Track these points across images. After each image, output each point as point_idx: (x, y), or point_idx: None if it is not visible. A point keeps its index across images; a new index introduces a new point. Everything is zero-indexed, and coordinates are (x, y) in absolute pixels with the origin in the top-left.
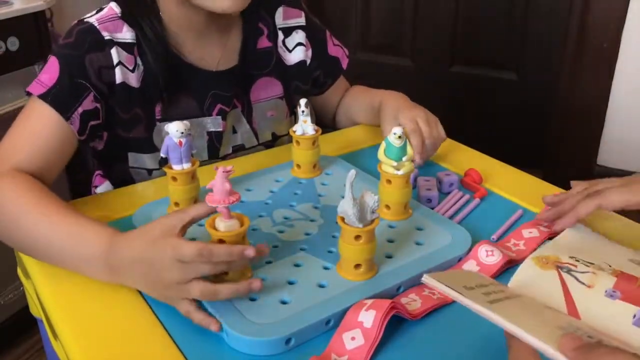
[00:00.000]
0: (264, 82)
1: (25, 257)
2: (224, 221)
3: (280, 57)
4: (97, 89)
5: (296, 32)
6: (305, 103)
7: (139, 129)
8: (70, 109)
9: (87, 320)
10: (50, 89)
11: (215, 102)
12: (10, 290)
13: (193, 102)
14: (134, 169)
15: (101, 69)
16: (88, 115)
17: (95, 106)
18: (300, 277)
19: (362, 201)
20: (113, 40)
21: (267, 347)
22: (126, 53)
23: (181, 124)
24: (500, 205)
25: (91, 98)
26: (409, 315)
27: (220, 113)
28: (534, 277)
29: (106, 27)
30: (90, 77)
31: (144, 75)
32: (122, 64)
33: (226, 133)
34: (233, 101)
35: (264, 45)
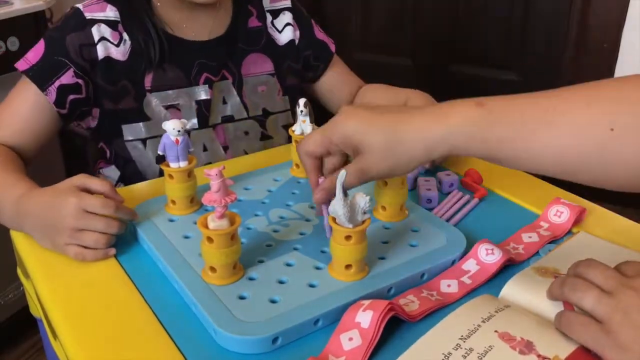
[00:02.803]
0: (254, 58)
1: (26, 257)
2: (215, 220)
3: (271, 36)
4: (77, 65)
5: (283, 14)
6: (305, 103)
7: (127, 100)
8: (47, 82)
9: (87, 320)
10: (33, 65)
11: (201, 71)
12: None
13: (180, 72)
14: (130, 143)
15: (82, 46)
16: (67, 89)
17: (75, 81)
18: (291, 277)
19: (353, 202)
20: (94, 19)
21: (253, 346)
22: (110, 29)
23: (178, 122)
24: (501, 205)
25: (71, 73)
26: (407, 316)
27: (207, 82)
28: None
29: (90, 9)
30: (71, 54)
31: (131, 49)
32: (105, 39)
33: (215, 102)
34: (222, 72)
35: (254, 25)
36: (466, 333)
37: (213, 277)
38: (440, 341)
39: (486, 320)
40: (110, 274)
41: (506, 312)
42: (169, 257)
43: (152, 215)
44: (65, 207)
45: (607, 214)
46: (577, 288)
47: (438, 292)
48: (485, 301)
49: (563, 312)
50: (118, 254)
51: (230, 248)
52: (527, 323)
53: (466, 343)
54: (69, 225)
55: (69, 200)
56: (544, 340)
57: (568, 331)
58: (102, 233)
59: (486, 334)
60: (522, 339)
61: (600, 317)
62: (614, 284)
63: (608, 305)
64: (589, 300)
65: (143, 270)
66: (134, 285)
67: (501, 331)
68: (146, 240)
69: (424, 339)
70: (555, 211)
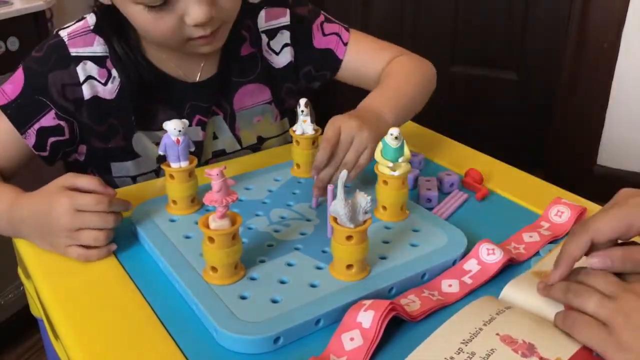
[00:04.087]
0: (250, 89)
1: (26, 256)
2: (216, 220)
3: (267, 61)
4: (59, 107)
5: (281, 33)
6: (305, 103)
7: (116, 139)
8: (26, 124)
9: (88, 320)
10: (11, 101)
11: (193, 113)
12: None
13: (172, 113)
14: (119, 179)
15: (65, 86)
16: (47, 132)
17: (57, 123)
18: (293, 277)
19: (354, 202)
20: (79, 57)
21: (254, 346)
22: (97, 67)
23: (179, 122)
24: (501, 205)
25: (52, 115)
26: (408, 316)
27: (199, 124)
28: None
29: (75, 42)
30: (52, 95)
31: (120, 87)
32: (92, 78)
33: (206, 140)
34: (212, 109)
35: (247, 52)
36: (468, 337)
37: (214, 277)
38: (442, 345)
39: (487, 323)
40: (112, 274)
41: (507, 314)
42: (170, 257)
43: (153, 215)
44: (58, 209)
45: None
46: (580, 293)
47: (439, 292)
48: (485, 303)
49: (566, 312)
50: (119, 254)
51: (232, 248)
52: (528, 325)
53: (468, 347)
54: (65, 227)
55: (61, 201)
56: (546, 342)
57: (571, 331)
58: (100, 230)
59: (488, 337)
60: (524, 342)
61: (602, 319)
62: (615, 288)
63: (610, 309)
64: (592, 304)
65: (144, 270)
66: (135, 285)
67: (503, 334)
68: (147, 240)
69: (425, 343)
70: (556, 211)
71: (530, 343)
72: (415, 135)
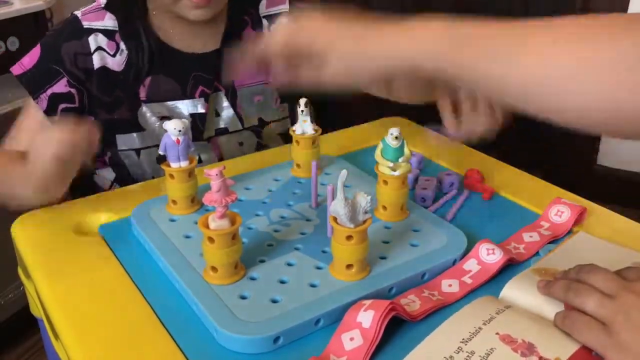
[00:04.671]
0: None
1: (26, 256)
2: (216, 220)
3: None
4: (71, 75)
5: (280, 19)
6: (305, 103)
7: (121, 110)
8: (39, 89)
9: (88, 320)
10: (26, 71)
11: (197, 84)
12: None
13: (175, 84)
14: (123, 152)
15: (77, 55)
16: (58, 98)
17: (68, 90)
18: (293, 277)
19: (354, 202)
20: (91, 29)
21: (254, 346)
22: (107, 39)
23: (179, 122)
24: (501, 205)
25: (64, 82)
26: (408, 316)
27: (202, 95)
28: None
29: (88, 17)
30: (65, 63)
31: (127, 59)
32: (102, 49)
33: (209, 116)
34: (214, 84)
35: (248, 35)
36: (467, 336)
37: (214, 276)
38: (441, 345)
39: (487, 323)
40: (111, 274)
41: (507, 314)
42: (170, 256)
43: (153, 215)
44: None
45: (608, 214)
46: (580, 292)
47: (439, 291)
48: (485, 303)
49: (566, 312)
50: (119, 254)
51: (231, 248)
52: (528, 324)
53: (467, 346)
54: None
55: None
56: (546, 341)
57: (571, 330)
58: None
59: (487, 336)
60: (524, 341)
61: (602, 319)
62: (615, 287)
63: (610, 308)
64: (591, 303)
65: (144, 270)
66: (135, 285)
67: (502, 333)
68: (147, 240)
69: (425, 342)
70: (556, 211)
71: (530, 342)
72: (415, 135)
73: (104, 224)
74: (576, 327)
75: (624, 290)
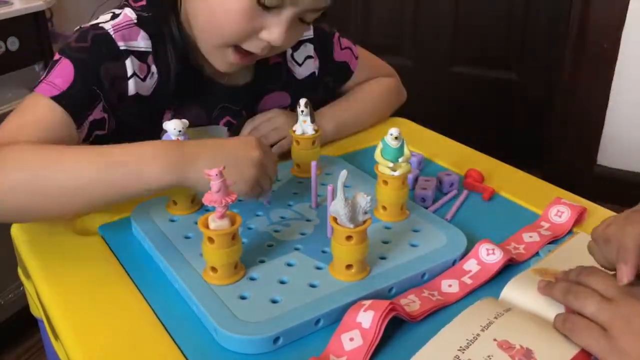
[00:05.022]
0: (274, 97)
1: (26, 256)
2: (216, 220)
3: (290, 71)
4: (107, 100)
5: (305, 46)
6: (305, 103)
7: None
8: (83, 115)
9: (88, 320)
10: (64, 92)
11: (223, 114)
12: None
13: (202, 112)
14: None
15: (115, 79)
16: (95, 124)
17: (102, 116)
18: (292, 277)
19: (354, 202)
20: (128, 50)
21: (254, 346)
22: (139, 62)
23: (179, 122)
24: (501, 205)
25: (101, 107)
26: (408, 316)
27: (227, 125)
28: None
29: (122, 35)
30: (104, 87)
31: (157, 84)
32: (135, 75)
33: None
34: (241, 113)
35: (274, 62)
36: (465, 343)
37: (214, 277)
38: (438, 354)
39: (485, 329)
40: (111, 274)
41: (505, 318)
42: (170, 257)
43: (153, 215)
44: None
45: (608, 214)
46: (580, 295)
47: (439, 292)
48: (484, 307)
49: (566, 314)
50: (119, 254)
51: (231, 248)
52: (527, 329)
53: (465, 354)
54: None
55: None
56: (544, 346)
57: (570, 334)
58: None
59: (485, 343)
60: (522, 347)
61: (601, 323)
62: (615, 291)
63: (609, 312)
64: (591, 307)
65: (144, 270)
66: (135, 285)
67: (500, 339)
68: (147, 240)
69: (422, 351)
70: (556, 211)
71: (528, 348)
72: (415, 135)
73: (104, 224)
74: (575, 330)
75: (624, 294)
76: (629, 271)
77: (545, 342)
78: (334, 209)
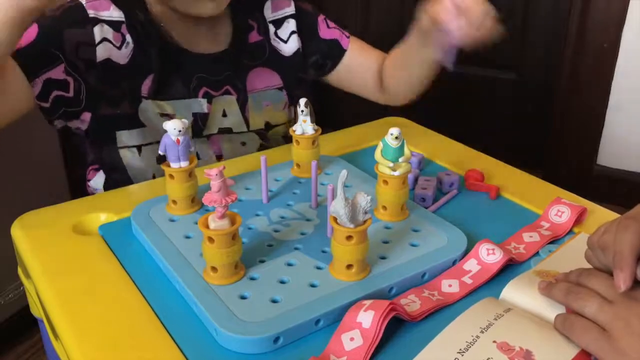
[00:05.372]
0: (258, 72)
1: (26, 256)
2: (216, 220)
3: (275, 48)
4: (70, 63)
5: (287, 22)
6: (305, 103)
7: (124, 105)
8: (36, 72)
9: (88, 320)
10: (22, 48)
11: (200, 84)
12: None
13: (179, 82)
14: (123, 149)
15: (79, 44)
16: (53, 84)
17: (64, 78)
18: (293, 277)
19: (355, 202)
20: (98, 18)
21: (254, 346)
22: (113, 30)
23: (179, 122)
24: (501, 205)
25: (61, 69)
26: (408, 316)
27: (206, 96)
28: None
29: (93, 5)
30: (65, 50)
31: (132, 52)
32: (107, 40)
33: (213, 115)
34: (225, 87)
35: (255, 39)
36: (464, 346)
37: (214, 277)
38: (438, 356)
39: (485, 330)
40: (111, 274)
41: (505, 319)
42: (170, 257)
43: (153, 215)
44: None
45: (608, 214)
46: (580, 296)
47: (439, 292)
48: (483, 308)
49: (566, 315)
50: (119, 254)
51: (231, 248)
52: (526, 330)
53: (465, 357)
54: None
55: None
56: (544, 348)
57: (570, 334)
58: None
59: (485, 345)
60: (521, 349)
61: (601, 324)
62: (615, 292)
63: (609, 313)
64: (591, 307)
65: (144, 270)
66: (135, 285)
67: (500, 341)
68: (147, 240)
69: (422, 354)
70: (556, 211)
71: (528, 350)
72: (415, 135)
73: (104, 224)
74: (575, 330)
75: (624, 295)
76: (626, 278)
77: (545, 343)
78: (334, 209)
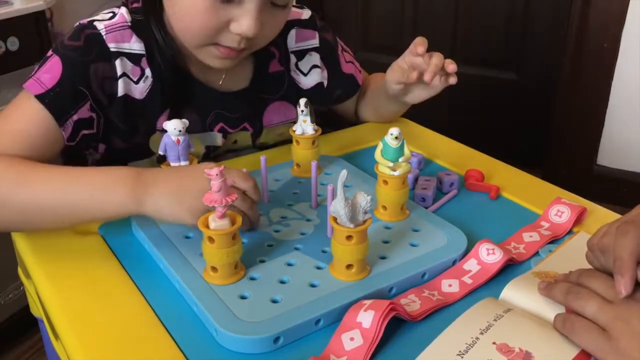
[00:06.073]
0: (276, 107)
1: (26, 257)
2: (216, 220)
3: (294, 81)
4: (96, 99)
5: (310, 55)
6: (305, 103)
7: (136, 138)
8: (65, 115)
9: (89, 320)
10: (49, 90)
11: (217, 120)
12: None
13: (196, 117)
14: None
15: (105, 79)
16: (81, 124)
17: (90, 115)
18: (293, 277)
19: (355, 202)
20: (119, 52)
21: (254, 346)
22: (132, 64)
23: (179, 122)
24: (501, 205)
25: (88, 107)
26: (408, 316)
27: (222, 131)
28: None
29: (114, 37)
30: (92, 86)
31: (151, 87)
32: (126, 75)
33: (225, 145)
34: (242, 125)
35: (275, 69)
36: (464, 347)
37: (214, 276)
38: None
39: (484, 332)
40: (112, 274)
41: (505, 320)
42: (170, 256)
43: None
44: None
45: (608, 214)
46: (580, 296)
47: (439, 291)
48: (483, 309)
49: (566, 315)
50: (119, 254)
51: (231, 248)
52: (526, 330)
53: (464, 359)
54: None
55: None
56: (543, 349)
57: (570, 334)
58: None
59: (484, 346)
60: (521, 350)
61: (601, 324)
62: (615, 293)
63: (610, 314)
64: (591, 307)
65: (144, 270)
66: (135, 285)
67: (499, 343)
68: (147, 240)
69: (421, 356)
70: (556, 211)
71: (527, 351)
72: (415, 135)
73: (104, 224)
74: (575, 330)
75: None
76: (627, 283)
77: (545, 343)
78: (334, 209)
